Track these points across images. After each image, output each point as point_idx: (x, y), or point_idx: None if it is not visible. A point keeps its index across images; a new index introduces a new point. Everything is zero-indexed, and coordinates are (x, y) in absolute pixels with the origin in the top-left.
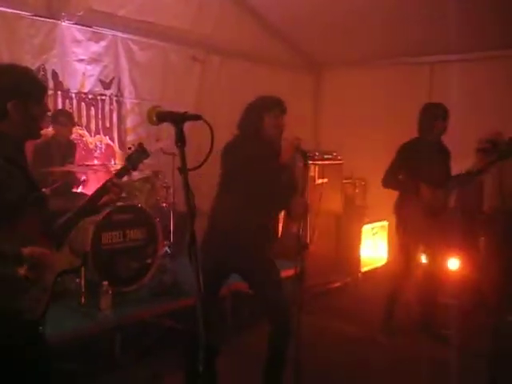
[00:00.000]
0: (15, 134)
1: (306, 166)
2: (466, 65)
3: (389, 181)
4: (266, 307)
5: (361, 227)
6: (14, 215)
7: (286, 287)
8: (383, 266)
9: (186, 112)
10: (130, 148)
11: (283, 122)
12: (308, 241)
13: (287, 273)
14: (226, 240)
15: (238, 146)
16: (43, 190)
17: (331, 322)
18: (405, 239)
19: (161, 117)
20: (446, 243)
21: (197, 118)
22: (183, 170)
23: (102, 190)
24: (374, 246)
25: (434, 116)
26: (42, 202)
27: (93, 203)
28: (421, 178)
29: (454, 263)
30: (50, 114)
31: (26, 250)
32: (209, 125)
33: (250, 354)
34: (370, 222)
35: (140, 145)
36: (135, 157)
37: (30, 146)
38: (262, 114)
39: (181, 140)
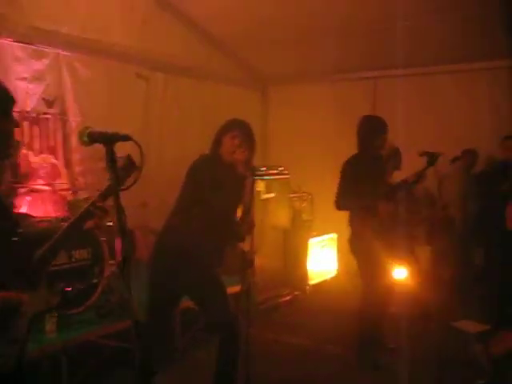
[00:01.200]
0: None
1: (254, 181)
2: (409, 79)
3: (343, 202)
4: (212, 322)
5: (307, 240)
6: None
7: (233, 303)
8: (332, 278)
9: (115, 133)
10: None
11: (239, 142)
12: (253, 257)
13: (234, 289)
14: (176, 258)
15: (200, 167)
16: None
17: (281, 335)
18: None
19: (92, 137)
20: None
21: (126, 138)
22: (114, 190)
23: (85, 215)
24: (323, 259)
25: (373, 130)
26: (14, 233)
27: (75, 231)
28: (374, 195)
29: (399, 273)
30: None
31: None
32: (138, 145)
33: (200, 370)
34: (318, 235)
35: (128, 157)
36: (123, 172)
37: None
38: (221, 136)
39: (111, 160)
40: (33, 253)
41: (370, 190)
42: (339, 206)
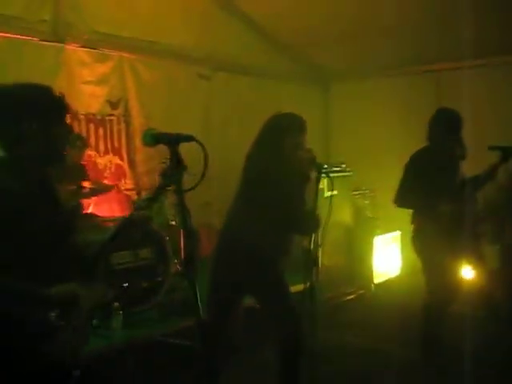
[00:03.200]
0: (35, 159)
1: (319, 179)
2: (475, 71)
3: (404, 198)
4: (274, 322)
5: (372, 238)
6: (38, 248)
7: (297, 302)
8: (396, 276)
9: (179, 133)
10: (163, 162)
11: (303, 140)
12: (318, 255)
13: (298, 288)
14: (240, 256)
15: (262, 163)
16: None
17: (346, 335)
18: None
19: (155, 139)
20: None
21: (190, 138)
22: (179, 191)
23: (127, 225)
24: (387, 257)
25: (448, 124)
26: (71, 230)
27: (124, 231)
28: (438, 193)
29: (467, 272)
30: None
31: (56, 291)
32: (202, 145)
33: (263, 370)
34: (382, 233)
35: (178, 156)
36: (171, 172)
37: None
38: (282, 135)
39: (175, 161)
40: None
41: (434, 189)
42: (398, 203)
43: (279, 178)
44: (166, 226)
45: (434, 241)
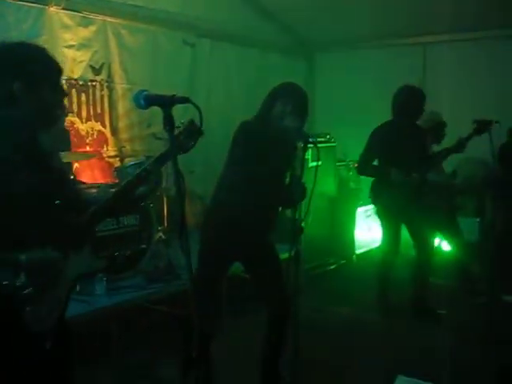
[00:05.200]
0: (26, 120)
1: (305, 149)
2: (459, 45)
3: (363, 168)
4: (265, 292)
5: (355, 209)
6: (19, 213)
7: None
8: (377, 247)
9: (174, 95)
10: (178, 127)
11: (292, 109)
12: (303, 224)
13: (282, 256)
14: (229, 224)
15: (250, 130)
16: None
17: (327, 303)
18: (386, 222)
19: (148, 100)
20: (427, 222)
21: (185, 100)
22: (173, 154)
23: (137, 181)
24: (369, 228)
25: (410, 100)
26: (60, 195)
27: (126, 196)
28: (393, 163)
29: (444, 243)
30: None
31: (28, 256)
32: (197, 107)
33: (246, 339)
34: (364, 205)
35: (191, 122)
36: (185, 137)
37: None
38: (274, 99)
39: (169, 124)
40: (77, 216)
41: (390, 160)
42: (359, 171)
43: (266, 146)
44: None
45: (387, 208)
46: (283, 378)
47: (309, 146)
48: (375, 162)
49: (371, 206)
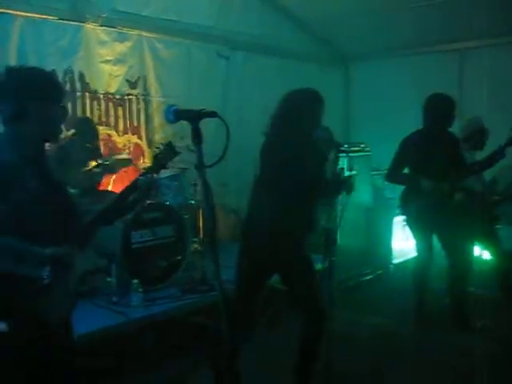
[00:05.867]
0: (33, 134)
1: (337, 159)
2: (496, 50)
3: (392, 176)
4: (302, 303)
5: (391, 219)
6: (28, 215)
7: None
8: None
9: (201, 109)
10: (157, 147)
11: (321, 117)
12: (336, 235)
13: (317, 267)
14: (267, 238)
15: (279, 142)
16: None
17: (364, 315)
18: (416, 232)
19: (177, 115)
20: (461, 231)
21: (212, 114)
22: (200, 166)
23: (130, 189)
24: (406, 238)
25: (439, 107)
26: (65, 201)
27: (119, 202)
28: (423, 171)
29: (482, 252)
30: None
31: (49, 251)
32: (224, 121)
33: (276, 352)
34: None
35: (168, 143)
36: (162, 156)
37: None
38: (303, 110)
39: (197, 137)
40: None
41: (420, 168)
42: (388, 179)
43: (300, 158)
44: (185, 204)
45: (417, 218)
46: None
47: (341, 155)
48: (405, 171)
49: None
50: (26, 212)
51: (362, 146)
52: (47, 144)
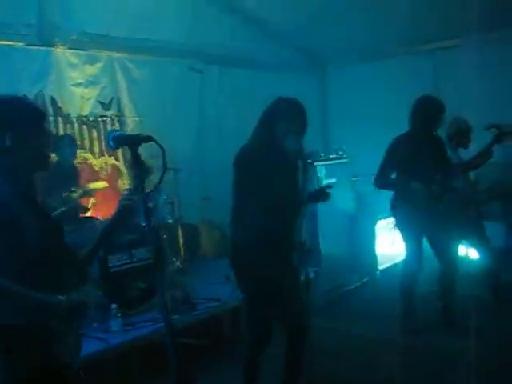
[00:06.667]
0: (22, 168)
1: (306, 168)
2: (471, 48)
3: (380, 180)
4: (286, 319)
5: (374, 224)
6: (40, 253)
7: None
8: (402, 261)
9: (138, 134)
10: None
11: (296, 127)
12: (309, 246)
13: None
14: (257, 254)
15: (252, 155)
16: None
17: (352, 325)
18: (407, 234)
19: (116, 141)
20: (450, 232)
21: (148, 139)
22: (141, 191)
23: (116, 217)
24: (391, 242)
25: (429, 110)
26: (62, 233)
27: (112, 230)
28: (412, 174)
29: (471, 251)
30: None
31: (64, 302)
32: (160, 146)
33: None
34: (385, 218)
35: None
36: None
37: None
38: (275, 119)
39: (136, 162)
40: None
41: (408, 172)
42: (377, 185)
43: (275, 167)
44: (163, 223)
45: (407, 220)
46: None
47: (318, 163)
48: (393, 175)
49: (392, 219)
50: (28, 252)
51: (341, 152)
52: None
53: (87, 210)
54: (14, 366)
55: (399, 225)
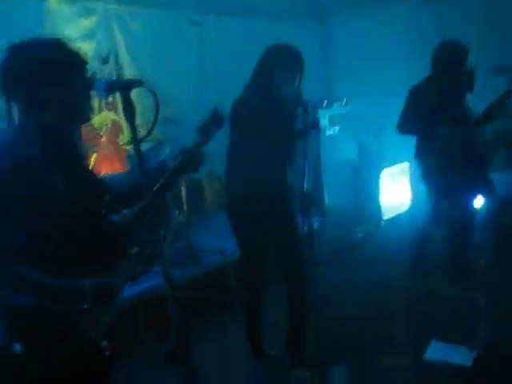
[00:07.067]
0: (61, 123)
1: (306, 118)
2: None
3: (403, 126)
4: (286, 262)
5: (379, 173)
6: (73, 223)
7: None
8: (408, 210)
9: (130, 79)
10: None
11: (294, 75)
12: (313, 195)
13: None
14: (250, 201)
15: (248, 103)
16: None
17: (357, 273)
18: (432, 182)
19: (108, 87)
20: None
21: (139, 84)
22: (133, 139)
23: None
24: (396, 191)
25: (450, 54)
26: (102, 202)
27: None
28: (437, 120)
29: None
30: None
31: (93, 284)
32: (151, 91)
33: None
34: (388, 166)
35: (215, 112)
36: (209, 127)
37: None
38: (271, 66)
39: (128, 108)
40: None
41: (433, 117)
42: (400, 129)
43: (270, 119)
44: None
45: (435, 167)
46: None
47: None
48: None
49: (398, 166)
50: (56, 225)
51: (344, 101)
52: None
53: None
54: (38, 349)
55: (424, 171)
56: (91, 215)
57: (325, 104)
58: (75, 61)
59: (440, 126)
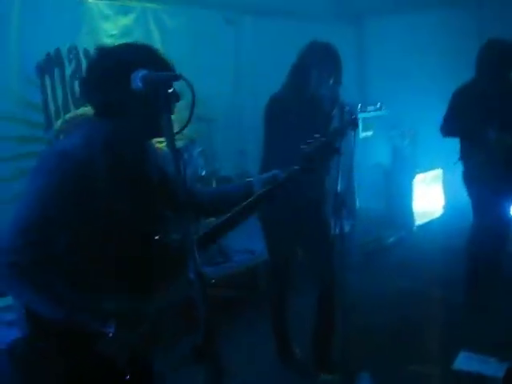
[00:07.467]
0: (135, 134)
1: (343, 119)
2: None
3: (447, 128)
4: (316, 267)
5: (412, 178)
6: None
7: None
8: (440, 217)
9: (168, 73)
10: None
11: (329, 75)
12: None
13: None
14: (284, 203)
15: (284, 101)
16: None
17: (388, 279)
18: (477, 187)
19: (145, 80)
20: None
21: (177, 78)
22: (169, 133)
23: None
24: (429, 197)
25: (499, 53)
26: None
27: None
28: (486, 122)
29: None
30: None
31: (118, 308)
32: (189, 83)
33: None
34: (422, 172)
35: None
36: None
37: None
38: (307, 65)
39: (168, 104)
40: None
41: (482, 118)
42: (445, 131)
43: (306, 117)
44: (196, 176)
45: (482, 171)
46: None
47: (345, 114)
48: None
49: (431, 173)
50: (95, 239)
51: (379, 104)
52: None
53: None
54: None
55: (467, 176)
56: (141, 237)
57: (359, 107)
58: (162, 68)
59: (486, 129)
